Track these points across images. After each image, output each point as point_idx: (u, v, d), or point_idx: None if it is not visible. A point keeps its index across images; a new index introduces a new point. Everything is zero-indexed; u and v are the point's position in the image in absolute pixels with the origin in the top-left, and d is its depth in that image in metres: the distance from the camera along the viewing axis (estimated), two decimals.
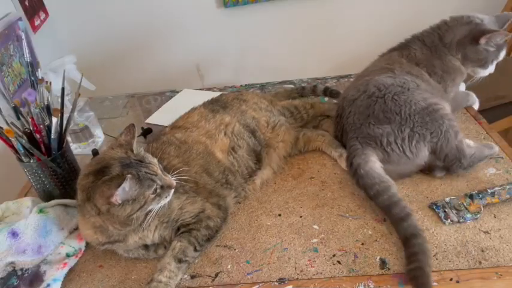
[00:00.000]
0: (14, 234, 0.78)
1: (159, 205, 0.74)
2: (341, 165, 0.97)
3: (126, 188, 0.68)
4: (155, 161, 0.76)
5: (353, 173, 0.87)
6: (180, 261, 0.75)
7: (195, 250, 0.77)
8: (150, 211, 0.73)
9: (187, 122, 0.98)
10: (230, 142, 0.93)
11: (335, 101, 1.21)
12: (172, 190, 0.75)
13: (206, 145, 0.91)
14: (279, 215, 0.87)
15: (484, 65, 1.00)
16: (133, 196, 0.70)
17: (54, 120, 0.88)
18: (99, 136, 1.17)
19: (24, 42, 1.35)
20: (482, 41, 0.95)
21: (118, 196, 0.68)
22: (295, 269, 0.74)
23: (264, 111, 1.03)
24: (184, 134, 0.93)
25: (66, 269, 0.78)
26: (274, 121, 1.01)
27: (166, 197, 0.74)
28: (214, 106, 1.02)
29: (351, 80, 1.33)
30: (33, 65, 1.21)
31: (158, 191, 0.73)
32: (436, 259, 0.73)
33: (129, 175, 0.68)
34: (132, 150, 0.76)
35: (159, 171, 0.74)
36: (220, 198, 0.85)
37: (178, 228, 0.80)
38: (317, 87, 1.28)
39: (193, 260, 0.78)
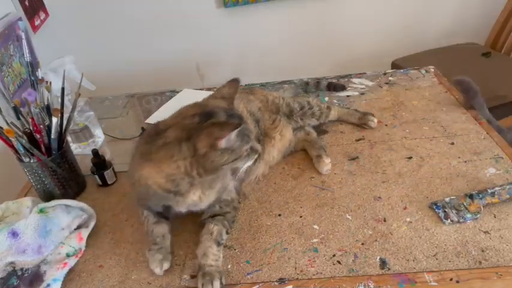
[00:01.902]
0: (14, 234, 0.78)
1: (244, 166, 0.76)
2: (316, 167, 0.97)
3: (233, 136, 0.69)
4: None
5: None
6: (218, 244, 0.77)
7: (227, 233, 0.81)
8: (236, 169, 0.76)
9: None
10: None
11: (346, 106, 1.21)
12: (256, 156, 0.77)
13: None
14: (279, 215, 0.87)
15: None
16: (233, 147, 0.71)
17: (54, 120, 0.88)
18: (99, 136, 1.17)
19: (24, 42, 1.35)
20: None
21: (224, 141, 0.69)
22: (295, 269, 0.74)
23: (270, 104, 1.04)
24: None
25: (66, 269, 0.78)
26: (276, 116, 1.02)
27: (250, 161, 0.76)
28: None
29: (351, 79, 1.33)
30: (33, 65, 1.21)
31: (248, 151, 0.75)
32: (436, 259, 0.73)
33: (242, 124, 0.69)
34: (233, 104, 0.77)
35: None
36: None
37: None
38: (320, 82, 1.30)
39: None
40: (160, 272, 0.75)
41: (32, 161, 0.89)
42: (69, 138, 1.08)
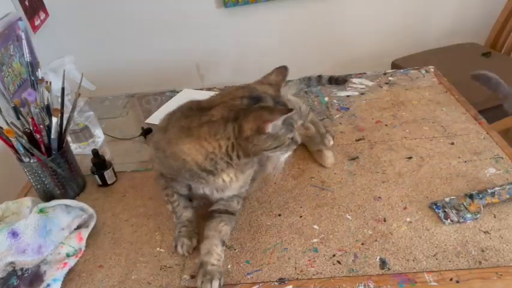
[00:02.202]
0: (14, 234, 0.78)
1: (284, 156, 0.76)
2: (319, 161, 0.98)
3: (280, 121, 0.69)
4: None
5: None
6: (223, 244, 0.78)
7: (230, 233, 0.81)
8: (268, 159, 0.76)
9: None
10: None
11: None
12: (294, 147, 0.77)
13: None
14: (279, 215, 0.87)
15: None
16: (279, 133, 0.71)
17: (54, 120, 0.88)
18: (99, 136, 1.17)
19: (24, 42, 1.35)
20: None
21: (272, 125, 0.68)
22: (295, 269, 0.74)
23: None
24: None
25: (66, 269, 0.78)
26: None
27: (289, 151, 0.76)
28: None
29: (351, 79, 1.33)
30: (33, 65, 1.21)
31: (290, 141, 0.74)
32: (436, 259, 0.73)
33: (293, 110, 0.68)
34: (279, 92, 0.76)
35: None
36: None
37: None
38: (322, 77, 1.31)
39: None
40: (185, 252, 0.79)
41: (32, 161, 0.89)
42: (69, 138, 1.08)
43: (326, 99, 1.26)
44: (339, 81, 1.30)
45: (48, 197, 0.93)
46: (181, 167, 0.76)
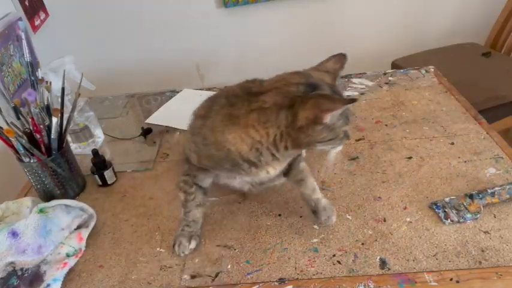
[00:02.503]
0: (14, 234, 0.78)
1: (335, 150, 0.73)
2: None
3: (339, 112, 0.64)
4: None
5: None
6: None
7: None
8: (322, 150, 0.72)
9: None
10: None
11: None
12: (346, 142, 0.73)
13: None
14: (279, 215, 0.87)
15: None
16: (335, 125, 0.67)
17: (54, 120, 0.88)
18: (99, 136, 1.17)
19: (24, 42, 1.35)
20: None
21: (330, 116, 0.63)
22: (295, 269, 0.74)
23: None
24: None
25: (66, 269, 0.78)
26: None
27: (341, 145, 0.72)
28: None
29: (351, 79, 1.33)
30: (33, 65, 1.21)
31: (343, 134, 0.70)
32: (436, 259, 0.73)
33: (356, 100, 0.63)
34: (335, 81, 0.72)
35: None
36: None
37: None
38: None
39: None
40: (180, 253, 0.79)
41: (32, 161, 0.89)
42: (69, 138, 1.08)
43: None
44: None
45: (48, 197, 0.93)
46: (223, 156, 0.71)
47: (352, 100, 0.62)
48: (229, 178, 0.82)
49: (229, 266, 0.77)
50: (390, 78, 1.33)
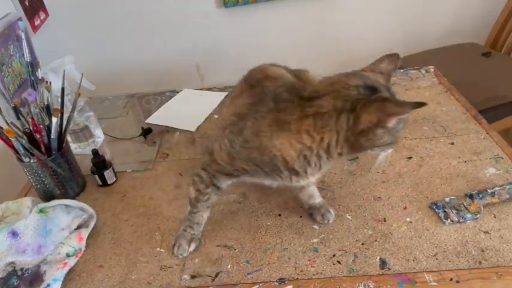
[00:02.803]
0: (14, 234, 0.78)
1: (385, 153, 0.71)
2: None
3: (404, 117, 0.63)
4: None
5: None
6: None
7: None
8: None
9: None
10: None
11: None
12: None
13: None
14: (279, 215, 0.87)
15: None
16: (396, 129, 0.65)
17: (54, 120, 0.89)
18: (99, 136, 1.17)
19: (24, 42, 1.35)
20: None
21: (395, 120, 0.62)
22: (295, 269, 0.74)
23: None
24: None
25: (66, 269, 0.78)
26: None
27: (391, 148, 0.70)
28: None
29: None
30: (33, 65, 1.21)
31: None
32: (436, 259, 0.73)
33: (424, 104, 0.59)
34: (389, 82, 0.70)
35: None
36: None
37: None
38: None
39: None
40: (178, 255, 0.79)
41: (32, 161, 0.89)
42: (69, 138, 1.08)
43: None
44: None
45: (48, 197, 0.93)
46: (267, 161, 0.69)
47: (421, 104, 0.59)
48: (259, 179, 0.78)
49: (229, 266, 0.77)
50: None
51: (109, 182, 1.00)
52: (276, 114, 0.68)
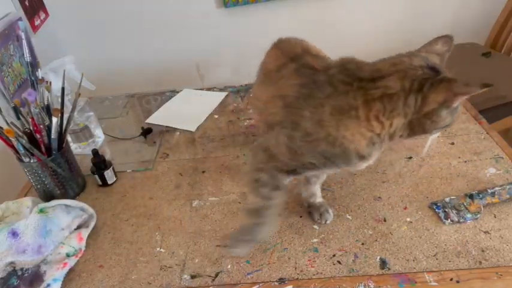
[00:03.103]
0: (14, 234, 0.78)
1: (433, 136, 0.69)
2: None
3: (468, 96, 0.61)
4: None
5: None
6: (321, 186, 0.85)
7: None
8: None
9: None
10: None
11: None
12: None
13: None
14: (279, 215, 0.86)
15: None
16: (456, 110, 0.63)
17: (54, 120, 0.89)
18: (99, 136, 1.17)
19: (24, 42, 1.35)
20: None
21: (459, 100, 0.60)
22: (295, 269, 0.74)
23: None
24: None
25: (66, 269, 0.78)
26: None
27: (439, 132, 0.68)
28: None
29: None
30: (33, 65, 1.21)
31: None
32: (436, 259, 0.73)
33: (490, 85, 0.56)
34: (443, 63, 0.68)
35: None
36: None
37: None
38: None
39: None
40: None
41: (32, 161, 0.89)
42: (69, 138, 1.08)
43: None
44: None
45: (48, 197, 0.93)
46: (338, 153, 0.64)
47: (488, 85, 0.56)
48: (323, 172, 0.76)
49: (229, 266, 0.77)
50: None
51: (109, 182, 1.00)
52: (336, 100, 0.63)
